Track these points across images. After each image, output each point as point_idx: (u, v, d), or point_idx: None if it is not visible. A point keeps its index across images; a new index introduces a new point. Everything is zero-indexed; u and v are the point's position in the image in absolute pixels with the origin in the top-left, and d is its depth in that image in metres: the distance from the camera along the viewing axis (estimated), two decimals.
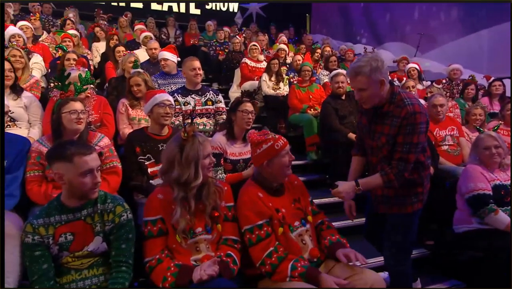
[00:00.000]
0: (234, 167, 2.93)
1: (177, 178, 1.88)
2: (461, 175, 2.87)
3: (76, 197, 1.77)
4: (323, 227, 2.20)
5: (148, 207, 1.92)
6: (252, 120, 2.95)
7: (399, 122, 2.00)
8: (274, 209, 2.05)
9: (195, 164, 1.88)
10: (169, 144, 2.00)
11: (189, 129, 1.91)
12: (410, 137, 1.98)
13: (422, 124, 1.99)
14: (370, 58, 2.01)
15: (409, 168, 2.03)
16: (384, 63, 2.01)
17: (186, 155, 1.88)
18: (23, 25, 5.29)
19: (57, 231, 1.74)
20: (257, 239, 1.95)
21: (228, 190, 2.11)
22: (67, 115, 2.36)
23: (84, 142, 2.46)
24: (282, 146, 2.07)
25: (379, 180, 2.05)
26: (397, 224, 2.23)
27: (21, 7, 7.58)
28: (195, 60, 3.58)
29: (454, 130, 3.82)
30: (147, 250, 1.85)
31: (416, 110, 1.98)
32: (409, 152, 1.99)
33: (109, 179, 2.48)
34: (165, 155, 1.97)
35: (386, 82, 2.03)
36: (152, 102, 2.76)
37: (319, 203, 3.60)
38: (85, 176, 1.70)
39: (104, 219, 1.80)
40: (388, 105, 2.07)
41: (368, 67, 1.97)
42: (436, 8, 8.21)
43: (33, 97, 3.14)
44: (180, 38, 8.42)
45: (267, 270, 1.91)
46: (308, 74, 4.95)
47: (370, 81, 1.99)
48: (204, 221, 1.95)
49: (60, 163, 1.70)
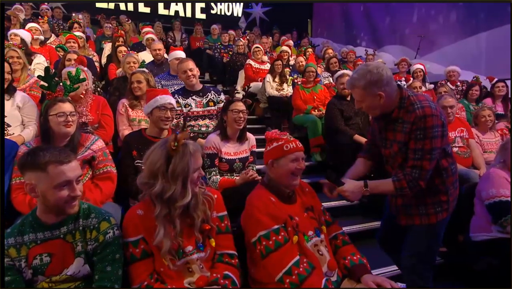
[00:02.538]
0: (231, 167, 2.60)
1: (159, 193, 1.47)
2: (481, 178, 2.51)
3: (53, 212, 1.41)
4: (339, 242, 1.83)
5: (127, 226, 1.51)
6: (244, 120, 2.60)
7: (409, 128, 1.74)
8: (288, 215, 1.70)
9: (183, 179, 1.48)
10: (154, 149, 1.54)
11: (180, 136, 1.50)
12: (422, 143, 1.71)
13: (436, 127, 1.70)
14: (367, 71, 1.75)
15: (425, 176, 1.73)
16: (384, 74, 1.73)
17: (174, 168, 1.47)
18: (31, 26, 5.05)
19: (31, 252, 1.39)
20: (276, 245, 1.59)
21: (219, 198, 1.71)
22: (54, 118, 2.02)
23: (75, 146, 2.13)
24: (291, 149, 1.74)
25: (390, 186, 1.77)
26: (420, 234, 1.91)
27: (33, 12, 7.28)
28: (186, 61, 3.19)
29: (464, 132, 3.46)
30: (133, 276, 1.47)
31: (427, 114, 1.70)
32: (422, 158, 1.71)
33: (102, 185, 2.15)
34: (148, 161, 1.53)
35: (387, 94, 1.75)
36: (153, 104, 2.41)
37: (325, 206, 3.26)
38: (61, 189, 1.35)
39: (87, 237, 1.44)
40: (398, 110, 1.80)
41: (362, 81, 1.75)
42: (435, 11, 7.87)
43: (27, 97, 2.79)
44: (186, 41, 8.17)
45: (294, 281, 1.53)
46: (312, 75, 4.60)
47: (365, 94, 1.77)
48: (194, 237, 1.56)
49: (32, 172, 1.36)
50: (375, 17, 9.25)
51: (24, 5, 6.92)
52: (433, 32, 7.76)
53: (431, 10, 7.92)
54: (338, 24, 10.57)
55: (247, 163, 2.67)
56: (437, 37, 7.69)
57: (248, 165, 2.68)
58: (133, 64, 3.78)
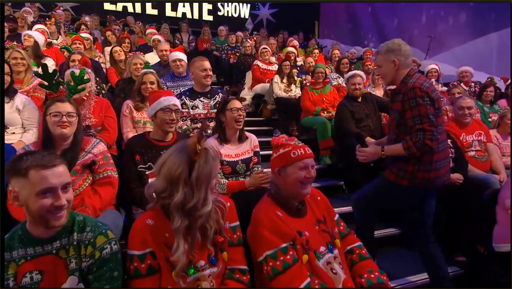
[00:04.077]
0: (234, 169, 2.39)
1: (181, 203, 1.31)
2: (504, 185, 2.33)
3: (41, 225, 1.25)
4: (355, 257, 1.65)
5: (134, 237, 1.35)
6: (243, 118, 2.41)
7: (401, 98, 2.04)
8: (296, 231, 1.53)
9: (206, 186, 1.33)
10: (169, 155, 1.37)
11: (202, 139, 1.34)
12: (417, 110, 1.97)
13: (425, 97, 1.97)
14: (391, 41, 2.14)
15: (430, 136, 1.96)
16: (402, 47, 2.10)
17: (198, 174, 1.32)
18: (38, 28, 4.95)
19: (20, 269, 1.24)
20: (284, 266, 1.43)
21: (232, 206, 1.55)
22: (49, 118, 1.88)
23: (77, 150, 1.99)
24: (299, 156, 1.58)
25: (400, 148, 2.04)
26: (385, 184, 2.22)
27: (40, 14, 7.22)
28: (206, 60, 3.07)
29: (482, 135, 3.24)
30: None
31: (416, 86, 1.99)
32: (422, 122, 1.97)
33: (101, 191, 1.99)
34: (164, 169, 1.35)
35: (400, 63, 2.09)
36: (157, 106, 2.26)
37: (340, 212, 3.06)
38: (43, 196, 1.19)
39: (81, 253, 1.29)
40: (401, 83, 2.12)
41: (385, 47, 2.15)
42: (444, 12, 7.65)
43: (27, 100, 2.66)
44: (193, 43, 8.02)
45: None
46: (321, 76, 4.41)
47: (384, 59, 2.14)
48: (207, 251, 1.40)
49: (15, 178, 1.21)
50: (383, 18, 9.03)
51: (32, 7, 6.85)
52: (442, 33, 7.54)
53: (440, 10, 7.72)
54: (345, 25, 10.37)
55: (251, 164, 2.48)
56: (446, 37, 7.48)
57: (253, 166, 2.50)
58: (139, 65, 3.70)
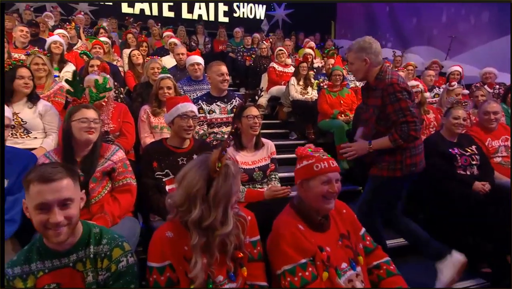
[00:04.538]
0: (251, 176, 2.33)
1: (198, 220, 1.28)
2: None
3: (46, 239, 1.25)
4: (382, 273, 1.58)
5: (154, 249, 1.34)
6: (259, 125, 2.36)
7: (380, 94, 2.10)
8: (317, 246, 1.48)
9: (225, 205, 1.29)
10: (190, 168, 1.34)
11: (223, 157, 1.29)
12: (398, 104, 2.05)
13: (403, 91, 2.06)
14: (362, 39, 2.18)
15: (414, 127, 2.05)
16: (373, 45, 2.15)
17: (215, 192, 1.28)
18: (59, 33, 5.02)
19: (39, 281, 1.24)
20: (302, 283, 1.39)
21: (253, 220, 1.49)
22: (76, 123, 1.90)
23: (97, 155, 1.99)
24: (322, 169, 1.52)
25: (387, 140, 2.11)
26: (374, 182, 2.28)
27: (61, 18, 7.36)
28: (223, 65, 3.04)
29: (508, 141, 3.10)
30: None
31: (393, 82, 2.07)
32: (404, 115, 2.05)
33: (120, 198, 1.99)
34: (185, 182, 1.32)
35: (371, 62, 2.14)
36: (174, 113, 2.23)
37: None
38: (39, 212, 1.16)
39: (98, 266, 1.28)
40: (375, 80, 2.18)
41: (356, 44, 2.19)
42: (466, 10, 7.38)
43: (49, 105, 2.69)
44: (209, 45, 8.04)
45: None
46: (339, 79, 4.33)
47: (355, 57, 2.18)
48: (226, 266, 1.36)
49: (24, 189, 1.20)
50: (401, 18, 8.80)
51: (53, 11, 6.99)
52: (463, 33, 7.27)
53: (461, 10, 7.45)
54: (362, 25, 10.15)
55: (268, 171, 2.42)
56: (468, 37, 7.21)
57: (270, 173, 2.45)
58: (157, 70, 3.69)
